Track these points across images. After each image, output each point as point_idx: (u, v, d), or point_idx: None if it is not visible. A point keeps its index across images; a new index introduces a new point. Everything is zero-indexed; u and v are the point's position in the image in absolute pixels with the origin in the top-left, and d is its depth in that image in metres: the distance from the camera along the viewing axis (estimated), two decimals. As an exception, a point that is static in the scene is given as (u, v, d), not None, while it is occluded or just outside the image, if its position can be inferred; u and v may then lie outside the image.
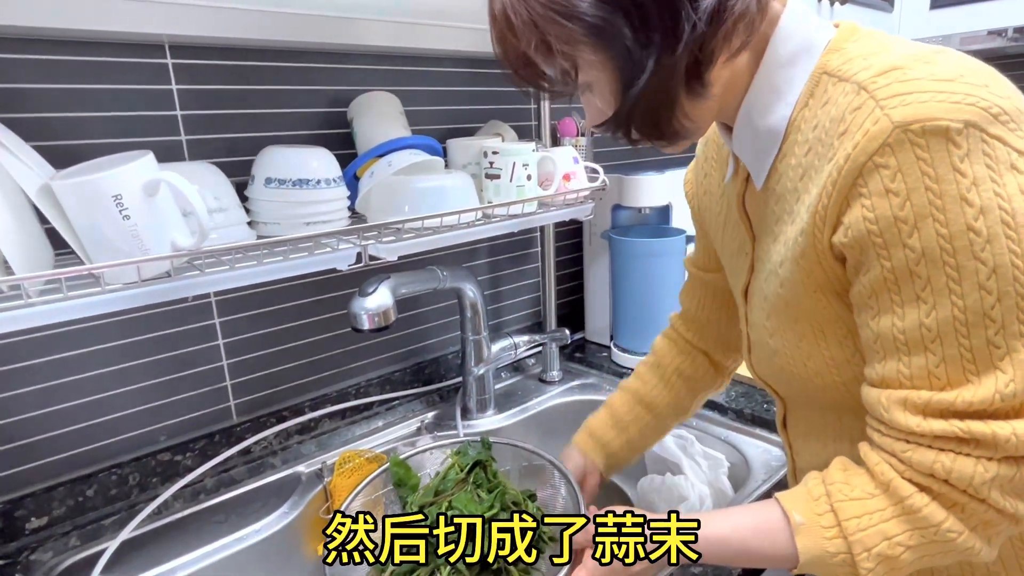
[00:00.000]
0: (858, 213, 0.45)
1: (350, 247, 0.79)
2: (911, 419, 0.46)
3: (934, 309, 0.44)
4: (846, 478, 0.51)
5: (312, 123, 0.98)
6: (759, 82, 0.52)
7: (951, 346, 0.44)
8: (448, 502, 0.67)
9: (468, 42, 1.07)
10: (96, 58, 0.79)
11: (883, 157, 0.43)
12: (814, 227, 0.49)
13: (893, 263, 0.45)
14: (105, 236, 0.60)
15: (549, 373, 1.26)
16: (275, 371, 1.01)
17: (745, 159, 0.57)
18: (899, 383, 0.47)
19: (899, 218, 0.43)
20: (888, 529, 0.47)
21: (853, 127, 0.45)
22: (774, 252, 0.56)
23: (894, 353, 0.47)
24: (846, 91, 0.47)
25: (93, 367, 0.84)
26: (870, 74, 0.46)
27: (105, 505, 0.86)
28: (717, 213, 0.69)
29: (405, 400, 1.15)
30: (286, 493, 0.93)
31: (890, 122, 0.43)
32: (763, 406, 1.07)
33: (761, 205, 0.58)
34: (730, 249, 0.67)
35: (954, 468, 0.45)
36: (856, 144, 0.44)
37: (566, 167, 1.03)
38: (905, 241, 0.44)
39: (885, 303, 0.47)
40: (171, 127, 0.85)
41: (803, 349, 0.56)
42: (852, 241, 0.46)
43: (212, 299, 0.93)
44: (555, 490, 0.74)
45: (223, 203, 0.76)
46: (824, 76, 0.50)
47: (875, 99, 0.44)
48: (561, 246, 1.37)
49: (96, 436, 0.86)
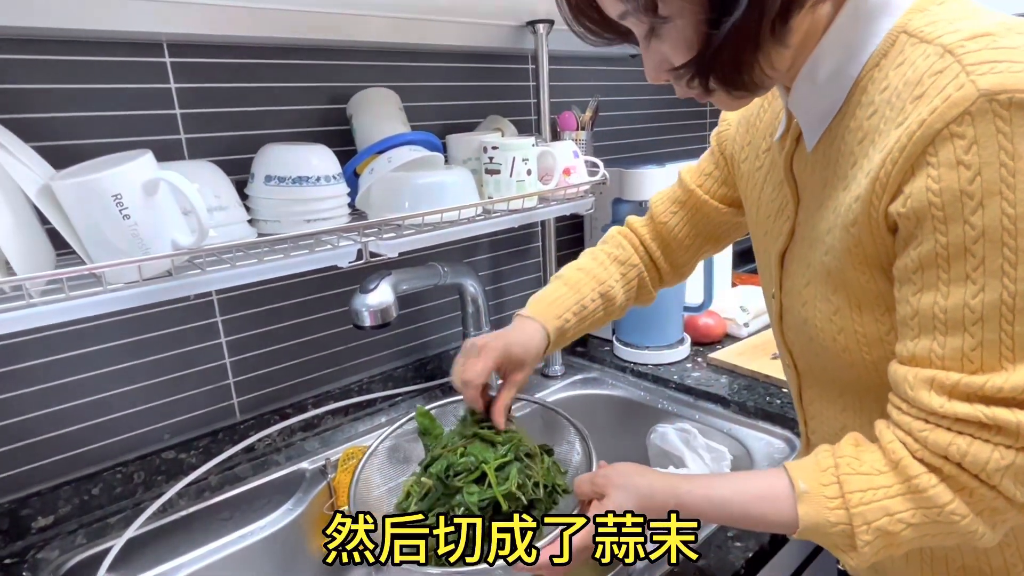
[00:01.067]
0: (922, 183, 0.43)
1: (350, 244, 0.79)
2: (935, 399, 0.46)
3: (982, 291, 0.43)
4: (857, 453, 0.50)
5: (311, 120, 0.97)
6: (833, 35, 0.49)
7: (992, 330, 0.43)
8: (463, 448, 0.68)
9: (467, 37, 1.06)
10: (94, 58, 0.79)
11: (961, 126, 0.41)
12: (872, 194, 0.47)
13: (949, 239, 0.43)
14: (105, 236, 0.61)
15: (551, 368, 1.26)
16: (277, 368, 1.01)
17: (800, 117, 0.55)
18: (929, 362, 0.46)
19: (966, 192, 0.42)
20: (892, 506, 0.47)
21: (932, 91, 0.43)
22: (820, 219, 0.54)
23: (930, 331, 0.46)
24: (927, 53, 0.45)
25: (96, 366, 0.85)
26: (958, 38, 0.43)
27: (111, 503, 0.87)
28: (757, 168, 0.66)
29: (408, 396, 1.15)
30: (290, 490, 0.93)
31: (975, 89, 0.41)
32: (765, 399, 1.07)
33: (810, 168, 0.56)
34: (767, 210, 0.64)
35: (969, 452, 0.45)
36: (934, 109, 0.42)
37: (566, 161, 1.03)
38: (967, 217, 0.42)
39: (931, 279, 0.45)
40: (170, 126, 0.85)
41: (836, 323, 0.55)
42: (910, 212, 0.44)
43: (214, 297, 0.93)
44: (570, 446, 0.75)
45: (223, 201, 0.76)
46: (903, 36, 0.47)
47: (961, 63, 0.42)
48: (562, 240, 1.37)
49: (100, 435, 0.87)
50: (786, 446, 0.98)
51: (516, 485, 0.64)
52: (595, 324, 0.78)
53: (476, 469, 0.65)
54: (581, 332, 0.77)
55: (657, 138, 1.59)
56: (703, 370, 1.20)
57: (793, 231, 0.60)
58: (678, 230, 0.79)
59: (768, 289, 0.66)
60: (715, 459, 0.97)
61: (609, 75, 1.42)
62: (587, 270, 0.78)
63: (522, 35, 1.12)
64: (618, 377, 1.23)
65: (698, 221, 0.78)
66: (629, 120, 1.51)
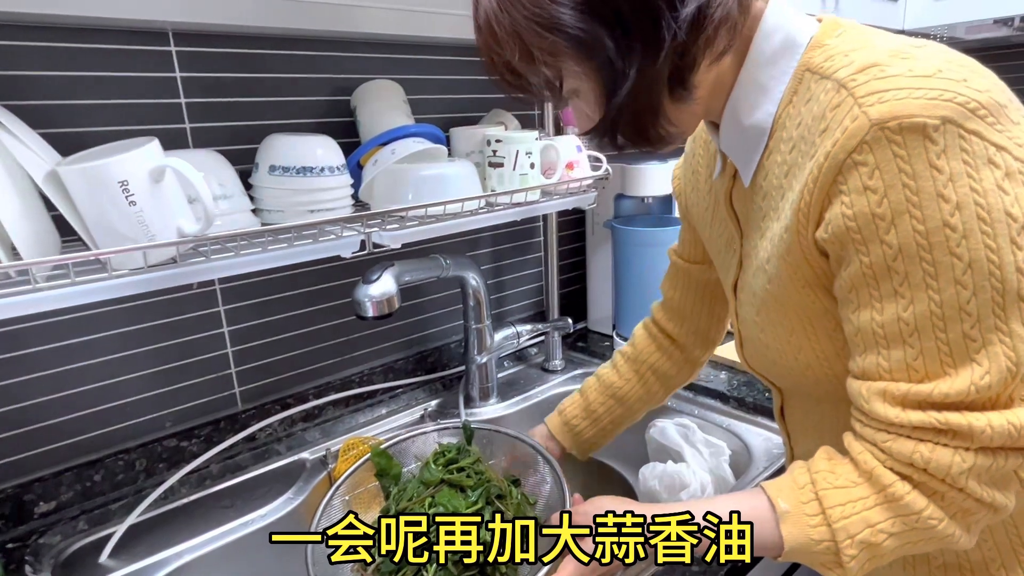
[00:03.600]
0: (838, 210, 0.46)
1: (354, 235, 0.79)
2: (890, 410, 0.47)
3: (911, 304, 0.45)
4: (831, 467, 0.51)
5: (316, 111, 0.98)
6: (743, 81, 0.52)
7: (928, 339, 0.45)
8: (431, 499, 0.67)
9: (472, 30, 1.06)
10: (101, 45, 0.79)
11: (861, 155, 0.44)
12: (798, 224, 0.49)
13: (871, 258, 0.45)
14: (111, 222, 0.61)
15: (552, 362, 1.26)
16: (279, 358, 1.02)
17: (732, 156, 0.58)
18: (878, 375, 0.48)
19: (877, 215, 0.44)
20: (871, 516, 0.48)
21: (833, 125, 0.46)
22: (761, 248, 0.56)
23: (873, 346, 0.48)
24: (827, 89, 0.47)
25: (99, 354, 0.85)
26: (849, 71, 0.46)
27: (112, 490, 0.87)
28: (705, 209, 0.69)
29: (408, 388, 1.15)
30: (291, 479, 0.94)
31: (868, 120, 0.43)
32: (764, 395, 1.07)
33: (748, 202, 0.58)
34: (718, 245, 0.67)
35: (932, 458, 0.46)
36: (836, 141, 0.45)
37: (569, 156, 1.03)
38: (882, 237, 0.44)
39: (864, 297, 0.47)
40: (175, 115, 0.85)
41: (793, 343, 0.57)
42: (832, 237, 0.47)
43: (217, 287, 0.93)
44: (541, 476, 0.74)
45: (227, 190, 0.76)
46: (807, 73, 0.50)
47: (853, 96, 0.45)
48: (564, 235, 1.38)
49: (103, 422, 0.87)
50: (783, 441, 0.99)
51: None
52: (620, 421, 0.85)
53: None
54: (606, 430, 0.84)
55: (660, 135, 1.59)
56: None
57: (741, 262, 0.62)
58: (683, 301, 0.82)
59: (729, 317, 0.69)
60: (714, 454, 0.98)
61: (613, 71, 1.42)
62: (599, 376, 0.87)
63: (527, 29, 1.11)
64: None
65: (695, 287, 0.81)
66: (632, 116, 1.51)
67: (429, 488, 0.68)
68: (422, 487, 0.69)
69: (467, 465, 0.71)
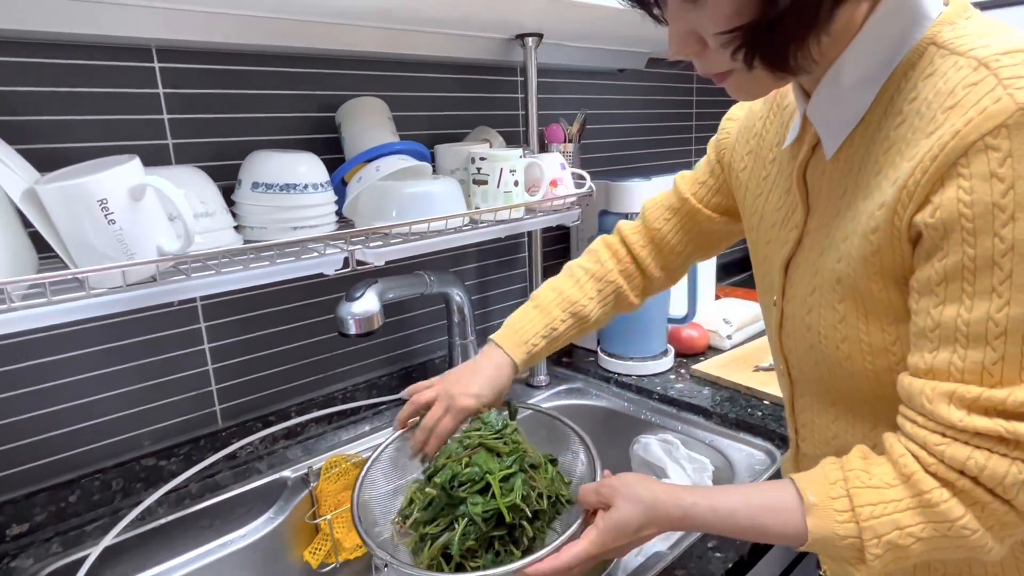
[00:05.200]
0: (952, 194, 0.43)
1: (337, 252, 0.79)
2: (955, 413, 0.46)
3: (1007, 304, 0.43)
4: (866, 466, 0.50)
5: (300, 128, 0.98)
6: (862, 40, 0.49)
7: (1014, 344, 0.44)
8: (468, 458, 0.69)
9: (457, 49, 1.07)
10: (82, 61, 0.78)
11: (997, 139, 0.41)
12: (897, 202, 0.47)
13: (978, 251, 0.43)
14: (90, 240, 0.60)
15: (536, 377, 1.26)
16: (261, 376, 1.01)
17: (820, 124, 0.55)
18: (948, 375, 0.46)
19: (998, 205, 0.42)
20: (902, 519, 0.47)
21: (967, 102, 0.43)
22: (836, 227, 0.54)
23: (950, 344, 0.46)
24: (959, 65, 0.45)
25: (76, 371, 0.84)
26: (992, 52, 0.44)
27: (88, 511, 0.86)
28: (762, 178, 0.66)
29: (393, 404, 1.15)
30: (272, 498, 0.92)
31: (1014, 102, 0.41)
32: (747, 411, 1.08)
33: (826, 176, 0.56)
34: (772, 219, 0.64)
35: (988, 466, 0.45)
36: (969, 120, 0.43)
37: (553, 173, 1.04)
38: (998, 230, 0.42)
39: (955, 292, 0.45)
40: (158, 131, 0.85)
41: (840, 331, 0.55)
42: (938, 222, 0.44)
43: (198, 303, 0.92)
44: (574, 455, 0.75)
45: (209, 207, 0.76)
46: (932, 47, 0.48)
47: (997, 77, 0.42)
48: (548, 251, 1.38)
49: (79, 441, 0.86)
50: (766, 458, 0.99)
51: (520, 497, 0.64)
52: (569, 340, 0.80)
53: (480, 480, 0.66)
54: (554, 349, 0.79)
55: (643, 151, 1.61)
56: (686, 381, 1.21)
57: (800, 239, 0.60)
58: (671, 236, 0.80)
59: (768, 297, 0.66)
60: (697, 470, 0.98)
61: (596, 88, 1.44)
62: (560, 290, 0.80)
63: (511, 48, 1.13)
64: (602, 387, 1.24)
65: (691, 228, 0.79)
66: (616, 133, 1.52)
67: (468, 449, 0.70)
68: (461, 448, 0.71)
69: (506, 433, 0.72)
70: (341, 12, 0.88)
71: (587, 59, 1.30)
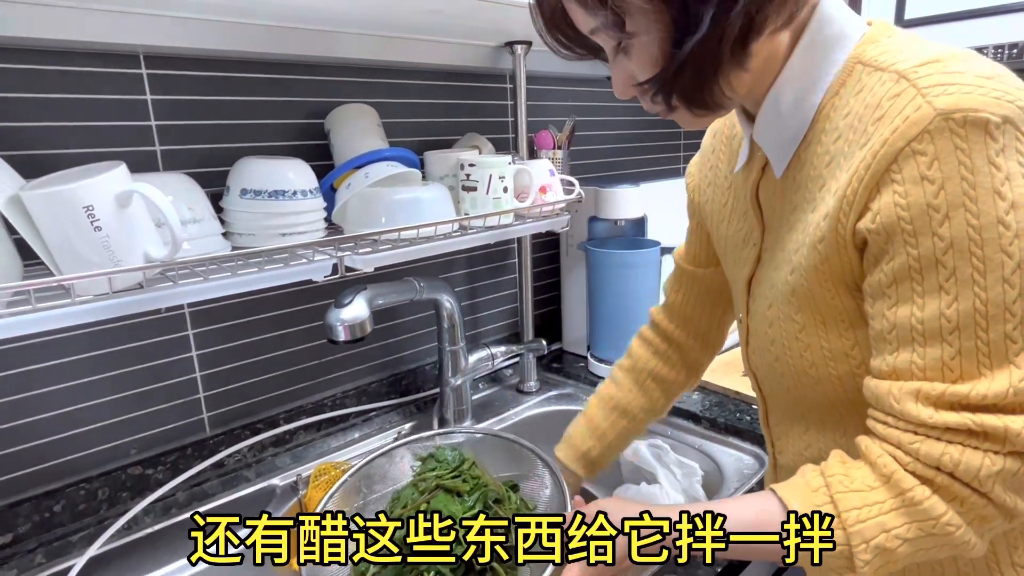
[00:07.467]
0: (888, 199, 0.45)
1: (326, 258, 0.79)
2: (923, 411, 0.47)
3: (956, 300, 0.45)
4: (846, 470, 0.51)
5: (289, 134, 0.98)
6: (793, 65, 0.52)
7: (968, 338, 0.45)
8: (427, 504, 0.65)
9: (446, 56, 1.08)
10: (70, 68, 0.78)
11: (921, 144, 0.44)
12: (839, 212, 0.49)
13: (920, 251, 0.45)
14: (76, 247, 0.60)
15: (526, 383, 1.26)
16: (249, 383, 1.00)
17: (766, 146, 0.57)
18: (911, 374, 0.47)
19: (932, 206, 0.44)
20: (887, 521, 0.48)
21: (891, 113, 0.46)
22: (788, 240, 0.56)
23: (909, 344, 0.47)
24: (883, 80, 0.48)
25: (62, 379, 0.83)
26: (910, 64, 0.47)
27: (73, 521, 0.85)
28: (722, 204, 0.68)
29: (382, 411, 1.14)
30: (260, 506, 0.92)
31: (932, 109, 0.43)
32: (736, 415, 1.08)
33: (777, 194, 0.58)
34: (734, 241, 0.67)
35: (962, 460, 0.45)
36: (895, 129, 0.45)
37: (542, 180, 1.04)
38: (935, 230, 0.44)
39: (905, 292, 0.47)
40: (145, 137, 0.85)
41: (802, 340, 0.57)
42: (879, 228, 0.46)
43: (186, 310, 0.92)
44: (540, 480, 0.73)
45: (197, 214, 0.75)
46: (858, 65, 0.50)
47: (916, 87, 0.45)
48: (538, 257, 1.39)
49: (64, 450, 0.85)
50: (755, 462, 1.00)
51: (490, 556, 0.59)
52: (627, 435, 0.84)
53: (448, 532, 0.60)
54: (617, 446, 0.84)
55: (632, 158, 1.62)
56: (676, 386, 1.21)
57: (759, 257, 0.62)
58: (686, 305, 0.82)
59: (737, 314, 0.69)
60: (686, 474, 0.98)
61: (585, 96, 1.45)
62: (600, 395, 0.86)
63: (500, 55, 1.13)
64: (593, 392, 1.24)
65: (699, 291, 0.81)
66: (605, 140, 1.53)
67: (424, 494, 0.67)
68: (417, 493, 0.67)
69: (464, 470, 0.70)
70: (330, 19, 0.88)
71: (575, 66, 1.30)
